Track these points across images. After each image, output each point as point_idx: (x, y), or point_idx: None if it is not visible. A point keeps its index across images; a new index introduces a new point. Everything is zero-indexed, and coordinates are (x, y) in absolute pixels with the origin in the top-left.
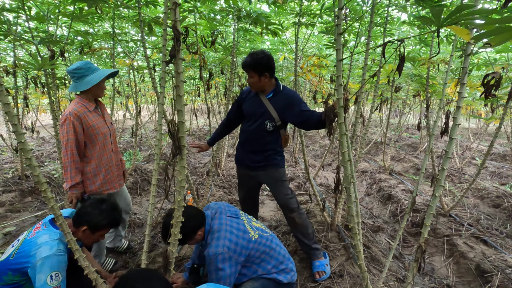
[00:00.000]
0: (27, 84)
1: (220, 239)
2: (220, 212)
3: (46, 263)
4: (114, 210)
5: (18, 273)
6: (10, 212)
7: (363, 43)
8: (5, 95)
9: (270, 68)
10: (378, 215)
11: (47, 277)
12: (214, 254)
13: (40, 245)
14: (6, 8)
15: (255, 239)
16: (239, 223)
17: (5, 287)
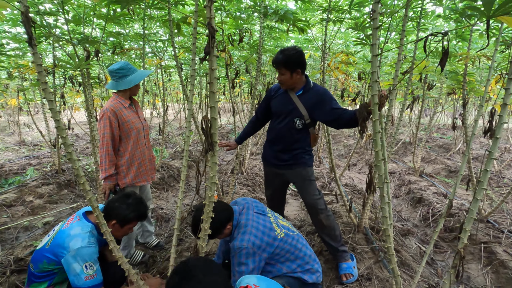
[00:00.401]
0: (64, 83)
1: (246, 234)
2: (247, 208)
3: (79, 254)
4: (140, 204)
5: (53, 262)
6: (48, 203)
7: (393, 39)
8: (49, 92)
9: (302, 64)
10: (407, 218)
11: (82, 267)
12: (238, 248)
13: (73, 237)
14: (47, 12)
15: (280, 238)
16: (266, 220)
17: (39, 274)
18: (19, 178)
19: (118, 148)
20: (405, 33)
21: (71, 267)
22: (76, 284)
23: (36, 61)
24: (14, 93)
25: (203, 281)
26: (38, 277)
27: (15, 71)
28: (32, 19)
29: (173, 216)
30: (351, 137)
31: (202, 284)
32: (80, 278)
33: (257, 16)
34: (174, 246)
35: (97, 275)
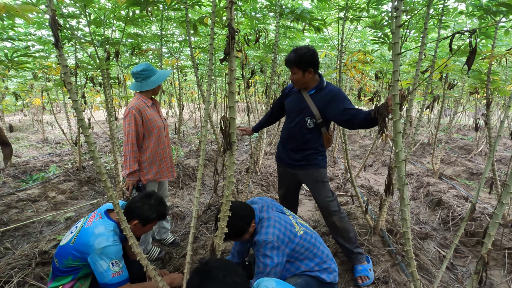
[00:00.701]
0: (85, 83)
1: (269, 227)
2: (267, 206)
3: (105, 252)
4: (161, 204)
5: (78, 259)
6: (70, 199)
7: (412, 37)
8: (74, 92)
9: (314, 63)
10: (425, 221)
11: (109, 264)
12: (264, 241)
13: (98, 236)
14: (70, 14)
15: (300, 235)
16: (286, 217)
17: (64, 269)
18: (42, 175)
19: (141, 145)
20: (426, 31)
21: (97, 265)
22: (103, 280)
23: (62, 63)
24: (38, 93)
25: (222, 282)
26: (62, 271)
27: (40, 72)
28: (58, 22)
29: (188, 214)
30: (366, 138)
31: (221, 284)
32: (107, 275)
33: (272, 16)
34: (190, 243)
35: (123, 271)
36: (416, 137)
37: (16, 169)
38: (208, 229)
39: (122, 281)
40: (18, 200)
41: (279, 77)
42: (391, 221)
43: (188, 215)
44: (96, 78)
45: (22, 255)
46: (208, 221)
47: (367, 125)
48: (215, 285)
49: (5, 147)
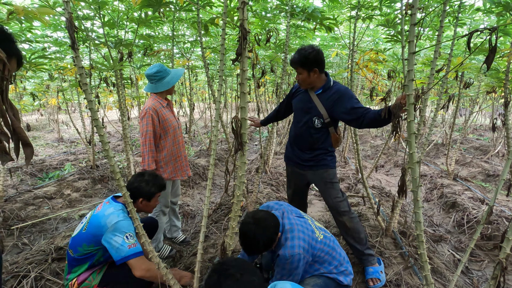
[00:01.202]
0: (99, 84)
1: (294, 239)
2: (287, 212)
3: (118, 227)
4: (156, 177)
5: (92, 243)
6: (84, 197)
7: (426, 35)
8: (89, 93)
9: (319, 63)
10: (439, 224)
11: (123, 238)
12: (291, 256)
13: (108, 215)
14: (85, 16)
15: (320, 240)
16: (306, 223)
17: (79, 257)
18: (58, 173)
19: (157, 145)
20: (442, 28)
21: (112, 242)
22: (121, 255)
23: (78, 64)
24: (54, 93)
25: (240, 280)
26: (78, 260)
27: (56, 72)
28: (74, 25)
29: (199, 213)
30: (378, 138)
31: (239, 282)
32: (124, 248)
33: (283, 15)
34: (201, 242)
35: (137, 244)
36: (429, 137)
37: (33, 167)
38: (218, 228)
39: (138, 252)
40: (35, 197)
41: (289, 76)
42: (404, 223)
43: (199, 214)
44: (110, 79)
45: (39, 250)
46: (218, 220)
47: (375, 125)
48: (233, 283)
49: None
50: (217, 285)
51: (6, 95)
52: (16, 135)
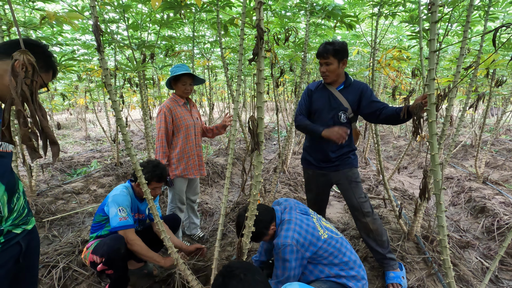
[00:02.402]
0: (123, 84)
1: (289, 231)
2: (290, 208)
3: (114, 200)
4: (156, 167)
5: (101, 213)
6: (108, 193)
7: (454, 31)
8: (114, 93)
9: (347, 54)
10: (466, 229)
11: (117, 210)
12: (283, 245)
13: (113, 190)
14: (111, 20)
15: (324, 238)
16: (309, 220)
17: (94, 225)
18: (85, 169)
19: (171, 142)
20: (470, 24)
21: (110, 212)
22: (113, 225)
23: (103, 66)
24: (82, 93)
25: (244, 280)
26: (93, 228)
27: (84, 74)
28: (100, 28)
29: (217, 211)
30: (401, 138)
31: (243, 281)
32: (116, 219)
33: (303, 14)
34: (218, 240)
35: (128, 218)
36: (457, 138)
37: (63, 163)
38: None
39: (128, 225)
40: (64, 192)
41: (308, 75)
42: (427, 227)
43: (217, 212)
44: (133, 79)
45: (67, 242)
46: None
47: (392, 122)
48: (237, 283)
49: (54, 145)
50: (223, 286)
51: (36, 97)
52: (44, 134)
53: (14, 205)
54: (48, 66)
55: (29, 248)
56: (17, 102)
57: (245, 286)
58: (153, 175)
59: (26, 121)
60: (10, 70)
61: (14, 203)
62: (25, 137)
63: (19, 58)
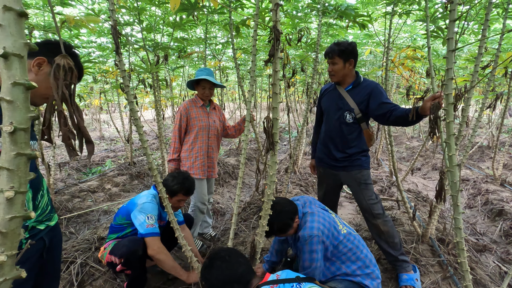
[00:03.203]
0: (137, 85)
1: (314, 222)
2: (310, 202)
3: (143, 207)
4: (185, 179)
5: (124, 216)
6: (122, 192)
7: (471, 29)
8: (131, 94)
9: (355, 55)
10: (483, 232)
11: (145, 218)
12: (309, 236)
13: (141, 196)
14: (126, 22)
15: (344, 233)
16: (329, 215)
17: (115, 226)
18: (100, 168)
19: (183, 139)
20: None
21: (137, 218)
22: (140, 231)
23: (121, 68)
24: (97, 94)
25: (228, 261)
26: (114, 229)
27: (99, 75)
28: (119, 31)
29: (228, 211)
30: (414, 139)
31: (226, 262)
32: (143, 226)
33: (314, 14)
34: (231, 239)
35: (155, 226)
36: (473, 139)
37: (79, 162)
38: (247, 226)
39: (154, 233)
40: (80, 191)
41: (320, 76)
42: (442, 230)
43: (228, 212)
44: (147, 80)
45: (84, 239)
46: (247, 219)
47: (401, 123)
48: (222, 263)
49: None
50: (209, 267)
51: (73, 99)
52: (81, 133)
53: (38, 202)
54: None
55: (52, 243)
56: (58, 103)
57: (228, 266)
58: (182, 187)
59: (66, 121)
60: (52, 74)
61: (38, 200)
62: (65, 136)
63: (60, 62)
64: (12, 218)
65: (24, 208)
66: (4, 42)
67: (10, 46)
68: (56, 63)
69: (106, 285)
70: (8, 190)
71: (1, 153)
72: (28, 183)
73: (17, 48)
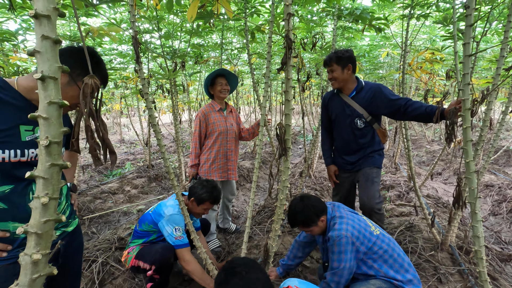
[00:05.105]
0: (156, 90)
1: (342, 224)
2: (338, 206)
3: (171, 219)
4: (214, 188)
5: (151, 224)
6: (141, 194)
7: (494, 29)
8: (150, 101)
9: (352, 61)
10: (509, 241)
11: (173, 229)
12: (337, 236)
13: (168, 206)
14: (145, 30)
15: (376, 234)
16: (359, 218)
17: (140, 232)
18: (120, 171)
19: (203, 143)
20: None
21: (165, 229)
22: (169, 242)
23: (141, 75)
24: (117, 99)
25: (246, 277)
26: (139, 234)
27: (120, 81)
28: (139, 41)
29: (243, 214)
30: (435, 142)
31: (245, 279)
32: (171, 238)
33: (330, 18)
34: (245, 242)
35: (184, 237)
36: (496, 143)
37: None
38: (262, 230)
39: (183, 245)
40: (102, 192)
41: None
42: (464, 238)
43: (243, 215)
44: (165, 86)
45: (105, 239)
46: (261, 222)
47: (422, 120)
48: (239, 281)
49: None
50: (225, 283)
51: (99, 114)
52: (105, 145)
53: None
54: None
55: (69, 248)
56: (86, 119)
57: (246, 283)
58: (210, 196)
59: (93, 134)
60: (81, 92)
61: None
62: (92, 148)
63: (88, 82)
64: (47, 221)
65: (56, 212)
66: (42, 66)
67: (47, 70)
68: (85, 82)
69: (125, 284)
70: (43, 197)
71: (38, 163)
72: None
73: (52, 72)
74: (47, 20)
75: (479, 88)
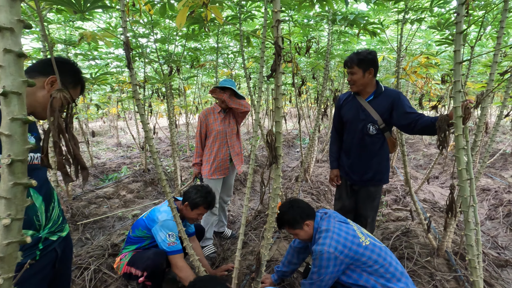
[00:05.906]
0: (152, 94)
1: (327, 238)
2: (329, 216)
3: (164, 225)
4: (208, 193)
5: (145, 229)
6: (137, 198)
7: (489, 34)
8: (141, 107)
9: (375, 65)
10: (505, 246)
11: (166, 235)
12: (319, 251)
13: (162, 212)
14: (141, 35)
15: (365, 245)
16: (348, 228)
17: (133, 238)
18: (116, 175)
19: (204, 144)
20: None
21: (158, 235)
22: (162, 247)
23: (133, 81)
24: (114, 103)
25: None
26: (132, 240)
27: (116, 85)
28: (130, 46)
29: (239, 219)
30: (432, 146)
31: None
32: (165, 244)
33: (325, 23)
34: (239, 249)
35: (177, 243)
36: (491, 148)
37: (96, 169)
38: (257, 235)
39: (176, 251)
40: (97, 197)
41: (332, 82)
42: (460, 243)
43: (238, 220)
44: (161, 90)
45: (98, 246)
46: (257, 227)
47: (428, 133)
48: None
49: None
50: None
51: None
52: (76, 160)
53: (50, 214)
54: (76, 82)
55: (64, 253)
56: (54, 134)
57: None
58: (204, 201)
59: (61, 150)
60: (49, 106)
61: (50, 212)
62: (60, 164)
63: (56, 96)
64: (9, 244)
65: (21, 233)
66: (4, 81)
67: (9, 85)
68: (53, 96)
69: None
70: (5, 218)
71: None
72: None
73: (15, 87)
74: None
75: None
